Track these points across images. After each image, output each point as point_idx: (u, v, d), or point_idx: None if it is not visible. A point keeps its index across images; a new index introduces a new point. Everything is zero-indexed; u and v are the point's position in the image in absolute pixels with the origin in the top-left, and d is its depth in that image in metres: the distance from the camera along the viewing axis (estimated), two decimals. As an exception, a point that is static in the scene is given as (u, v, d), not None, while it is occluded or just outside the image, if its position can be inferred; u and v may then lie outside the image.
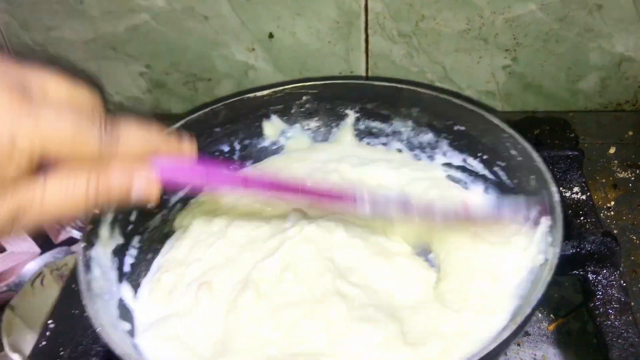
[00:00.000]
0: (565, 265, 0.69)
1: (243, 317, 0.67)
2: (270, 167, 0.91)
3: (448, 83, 1.01)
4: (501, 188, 0.80)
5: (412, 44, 0.96)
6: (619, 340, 0.61)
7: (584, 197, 0.77)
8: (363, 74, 1.02)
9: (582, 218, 0.74)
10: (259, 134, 0.93)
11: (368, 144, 0.93)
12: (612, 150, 0.93)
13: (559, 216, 0.64)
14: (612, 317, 0.63)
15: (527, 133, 0.88)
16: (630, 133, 0.96)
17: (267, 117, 0.92)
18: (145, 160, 0.50)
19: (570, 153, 0.81)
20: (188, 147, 0.55)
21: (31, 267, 1.09)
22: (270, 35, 0.98)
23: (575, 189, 0.78)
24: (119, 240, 0.77)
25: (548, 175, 0.69)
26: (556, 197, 0.66)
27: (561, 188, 0.79)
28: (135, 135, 0.49)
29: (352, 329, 0.64)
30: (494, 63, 0.97)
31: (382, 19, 0.94)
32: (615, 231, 0.81)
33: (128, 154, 0.48)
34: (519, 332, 0.56)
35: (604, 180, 0.89)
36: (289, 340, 0.65)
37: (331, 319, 0.65)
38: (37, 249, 1.17)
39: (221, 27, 0.98)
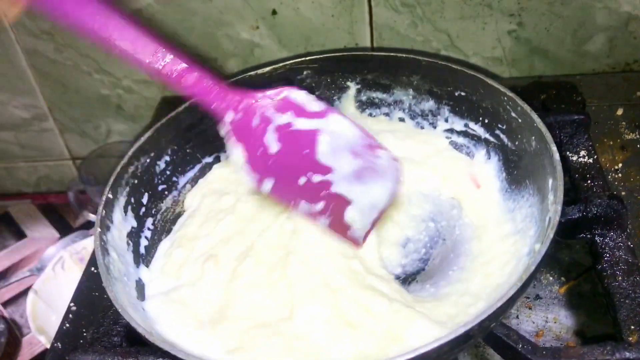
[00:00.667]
0: (573, 229, 0.70)
1: (242, 286, 0.70)
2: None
3: (454, 51, 1.00)
4: (503, 151, 0.81)
5: (416, 13, 0.96)
6: (627, 301, 0.62)
7: (590, 160, 0.77)
8: (368, 46, 1.01)
9: (589, 182, 0.74)
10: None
11: (370, 114, 0.93)
12: (619, 112, 0.92)
13: (560, 174, 0.65)
14: (620, 278, 0.64)
15: (534, 98, 0.89)
16: (638, 94, 0.95)
17: None
18: None
19: (576, 117, 0.80)
20: None
21: (51, 251, 1.13)
22: (274, 12, 0.98)
23: (582, 153, 0.78)
24: (133, 223, 0.79)
25: (548, 135, 0.69)
26: (556, 157, 0.66)
27: (568, 152, 0.79)
28: None
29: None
30: (499, 29, 0.96)
31: (384, -10, 0.94)
32: (623, 193, 0.81)
33: None
34: (524, 289, 0.57)
35: (611, 143, 0.89)
36: (278, 305, 0.67)
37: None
38: (57, 234, 1.20)
39: (224, 6, 0.98)
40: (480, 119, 0.83)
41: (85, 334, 0.71)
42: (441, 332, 0.58)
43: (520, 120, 0.76)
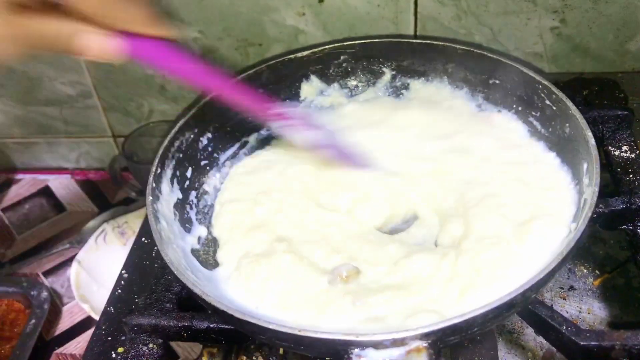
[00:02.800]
0: (616, 220, 0.71)
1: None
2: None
3: (496, 45, 1.01)
4: (536, 137, 0.83)
5: (460, 6, 0.97)
6: (668, 291, 0.64)
7: (633, 155, 0.79)
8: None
9: (631, 175, 0.76)
10: (300, 94, 0.97)
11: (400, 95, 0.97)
12: (661, 110, 0.93)
13: (595, 158, 0.67)
14: (661, 269, 0.66)
15: (576, 93, 0.90)
16: (679, 93, 0.96)
17: (307, 77, 0.96)
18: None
19: (620, 112, 0.82)
20: (161, 30, 0.60)
21: (92, 224, 1.16)
22: (321, 0, 1.00)
23: (625, 148, 0.80)
24: (179, 194, 0.81)
25: (583, 122, 0.72)
26: (592, 142, 0.69)
27: (610, 147, 0.81)
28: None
29: None
30: (542, 24, 0.97)
31: (431, -18, 0.95)
32: (663, 189, 0.82)
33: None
34: (564, 263, 0.60)
35: (653, 140, 0.90)
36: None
37: None
38: (95, 209, 1.23)
39: (272, -8, 1.00)
40: (514, 106, 0.86)
41: (137, 300, 0.73)
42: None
43: (554, 108, 0.79)
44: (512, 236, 0.69)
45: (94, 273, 1.02)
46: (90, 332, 0.95)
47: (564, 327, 0.59)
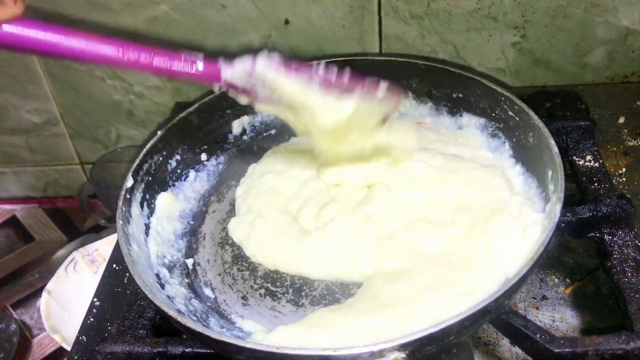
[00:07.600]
0: (583, 228, 0.73)
1: None
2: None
3: (459, 61, 1.03)
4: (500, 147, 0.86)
5: (423, 25, 0.99)
6: (637, 296, 0.65)
7: (596, 164, 0.80)
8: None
9: (596, 184, 0.77)
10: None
11: None
12: (621, 120, 0.96)
13: (560, 166, 0.69)
14: (629, 274, 0.67)
15: (539, 106, 0.92)
16: (638, 103, 0.99)
17: None
18: None
19: (582, 123, 0.84)
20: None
21: (61, 253, 1.14)
22: (286, 22, 1.01)
23: (588, 157, 0.82)
24: (147, 220, 0.81)
25: (545, 130, 0.74)
26: (555, 150, 0.71)
27: (574, 157, 0.82)
28: None
29: None
30: (503, 40, 1.00)
31: (394, 2, 0.97)
32: (628, 196, 0.84)
33: None
34: (533, 269, 0.62)
35: (614, 149, 0.92)
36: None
37: None
38: (64, 237, 1.21)
39: (239, 15, 1.00)
40: (478, 118, 0.89)
41: (110, 328, 0.72)
42: None
43: (517, 119, 0.81)
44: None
45: (64, 302, 0.99)
46: (62, 363, 0.93)
47: (538, 336, 0.59)
